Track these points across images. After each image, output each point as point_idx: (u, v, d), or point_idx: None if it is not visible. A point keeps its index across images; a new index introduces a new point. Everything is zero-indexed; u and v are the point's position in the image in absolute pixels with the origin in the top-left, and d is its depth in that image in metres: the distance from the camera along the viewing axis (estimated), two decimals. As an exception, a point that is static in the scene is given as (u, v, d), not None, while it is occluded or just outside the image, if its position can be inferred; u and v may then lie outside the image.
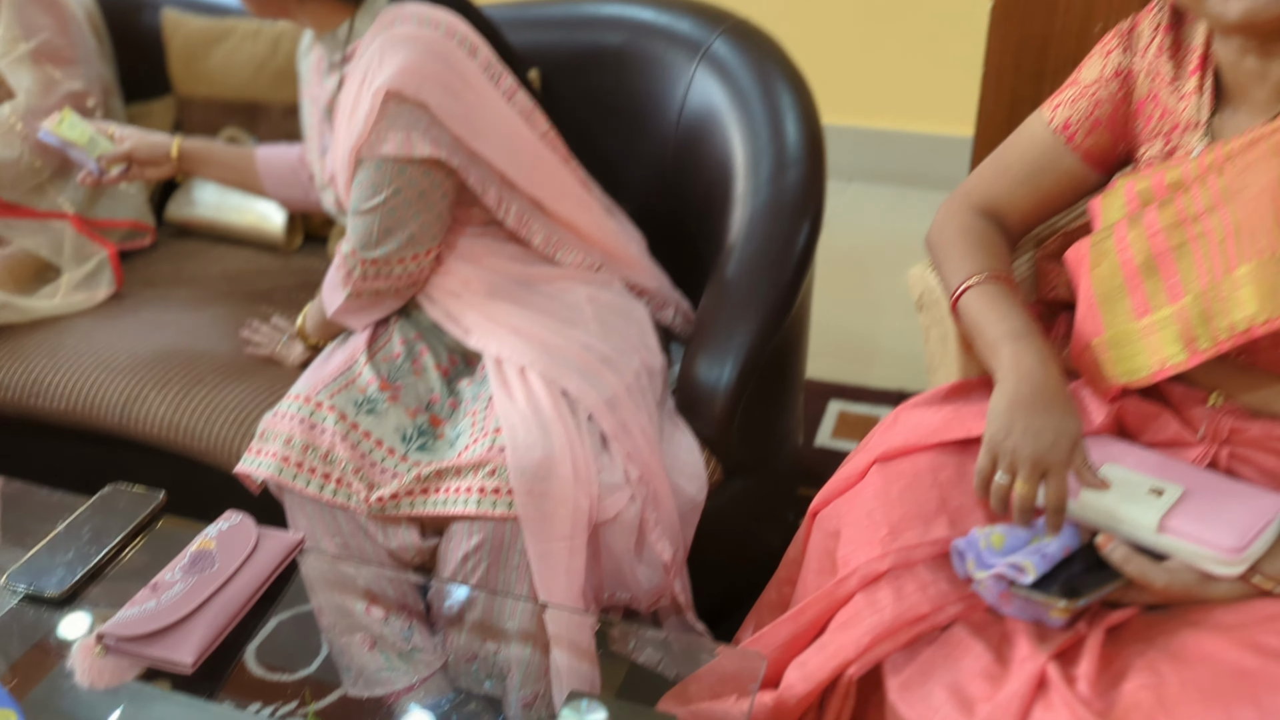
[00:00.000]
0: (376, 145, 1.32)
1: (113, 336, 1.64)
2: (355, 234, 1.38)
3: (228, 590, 1.07)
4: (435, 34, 1.32)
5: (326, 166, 1.49)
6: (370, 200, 1.35)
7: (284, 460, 1.30)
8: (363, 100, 1.31)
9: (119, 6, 2.00)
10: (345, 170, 1.37)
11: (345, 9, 1.39)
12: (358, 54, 1.37)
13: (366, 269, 1.38)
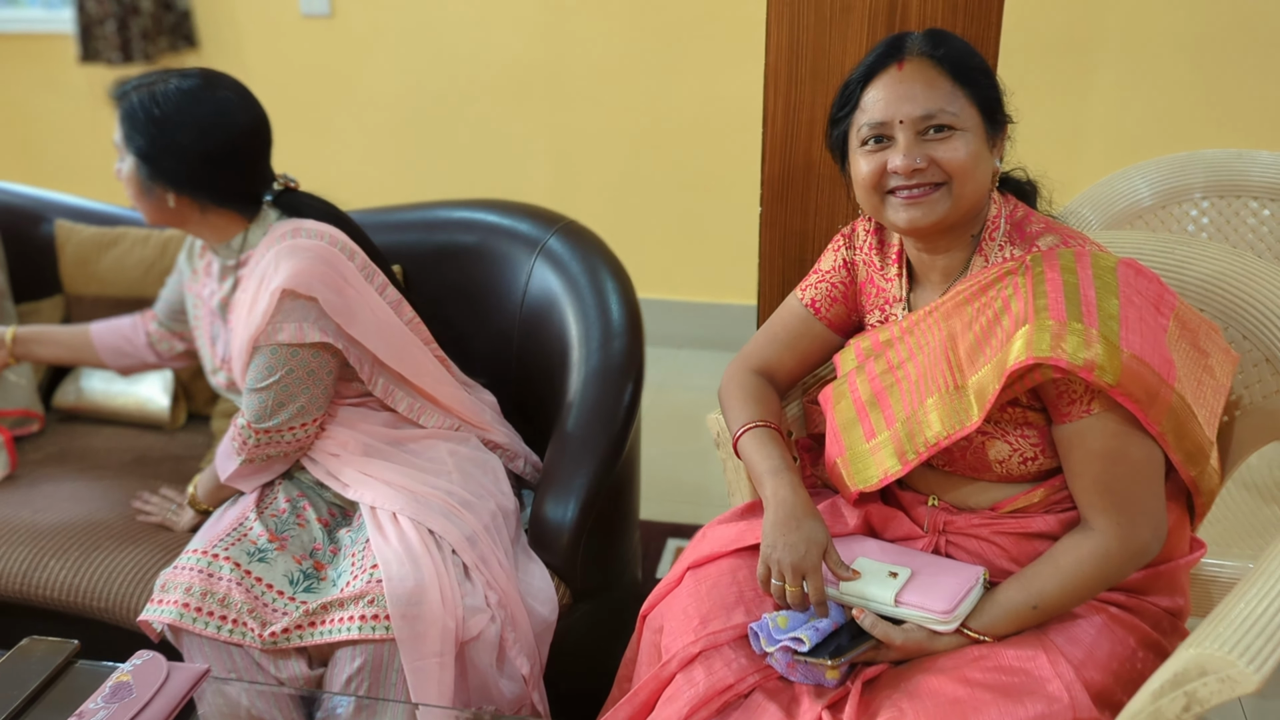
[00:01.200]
0: (273, 334, 1.56)
1: (10, 511, 1.79)
2: (251, 409, 1.60)
3: (145, 714, 1.24)
4: (321, 243, 1.60)
5: (217, 352, 1.73)
6: (266, 380, 1.58)
7: (184, 606, 1.48)
8: (261, 298, 1.56)
9: (11, 215, 2.22)
10: (242, 356, 1.61)
11: (240, 222, 1.66)
12: (251, 261, 1.64)
13: (260, 437, 1.60)
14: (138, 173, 1.62)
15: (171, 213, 1.65)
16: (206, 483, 1.72)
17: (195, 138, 1.58)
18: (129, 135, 1.60)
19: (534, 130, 3.38)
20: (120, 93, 1.63)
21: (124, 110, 1.61)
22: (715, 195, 3.29)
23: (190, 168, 1.60)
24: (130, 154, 1.61)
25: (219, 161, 1.61)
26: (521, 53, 3.28)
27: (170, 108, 1.57)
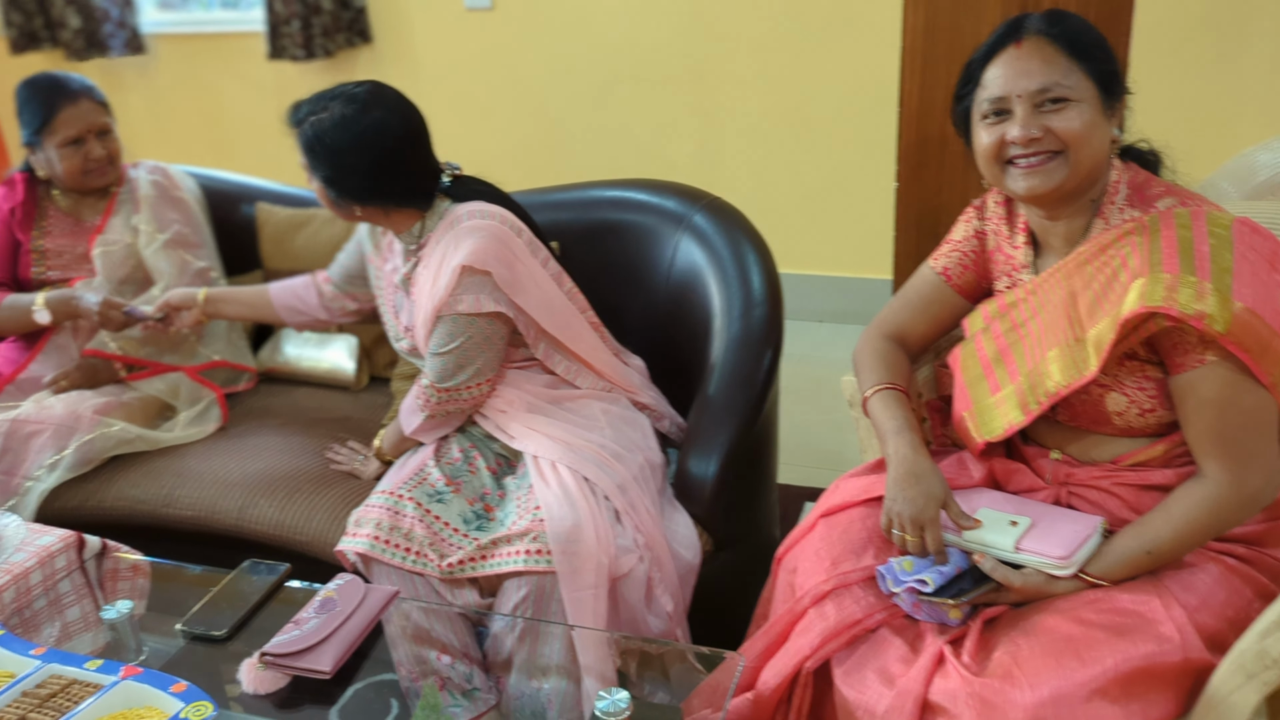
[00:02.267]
0: (454, 305, 1.75)
1: (225, 459, 2.05)
2: (434, 370, 1.80)
3: (349, 623, 1.45)
4: (494, 223, 1.79)
5: (401, 321, 1.93)
6: (448, 345, 1.78)
7: (374, 538, 1.69)
8: (442, 274, 1.76)
9: (219, 199, 2.50)
10: (426, 325, 1.80)
11: (417, 215, 1.86)
12: (430, 243, 1.82)
13: (442, 396, 1.81)
14: (326, 192, 1.84)
15: (359, 218, 1.88)
16: (391, 436, 1.94)
17: (362, 158, 1.77)
18: (311, 164, 1.82)
19: (679, 112, 3.52)
20: (296, 121, 1.83)
21: (302, 142, 1.81)
22: (853, 172, 3.37)
23: (365, 184, 1.79)
24: (316, 178, 1.83)
25: (388, 172, 1.79)
26: (667, 38, 3.42)
27: (337, 136, 1.76)
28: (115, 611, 1.51)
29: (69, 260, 2.26)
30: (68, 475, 1.99)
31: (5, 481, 1.97)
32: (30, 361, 2.20)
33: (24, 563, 1.57)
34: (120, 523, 1.98)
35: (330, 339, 2.37)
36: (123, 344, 2.21)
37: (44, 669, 1.36)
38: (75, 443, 2.00)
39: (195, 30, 4.07)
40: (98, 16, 4.03)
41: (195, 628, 1.51)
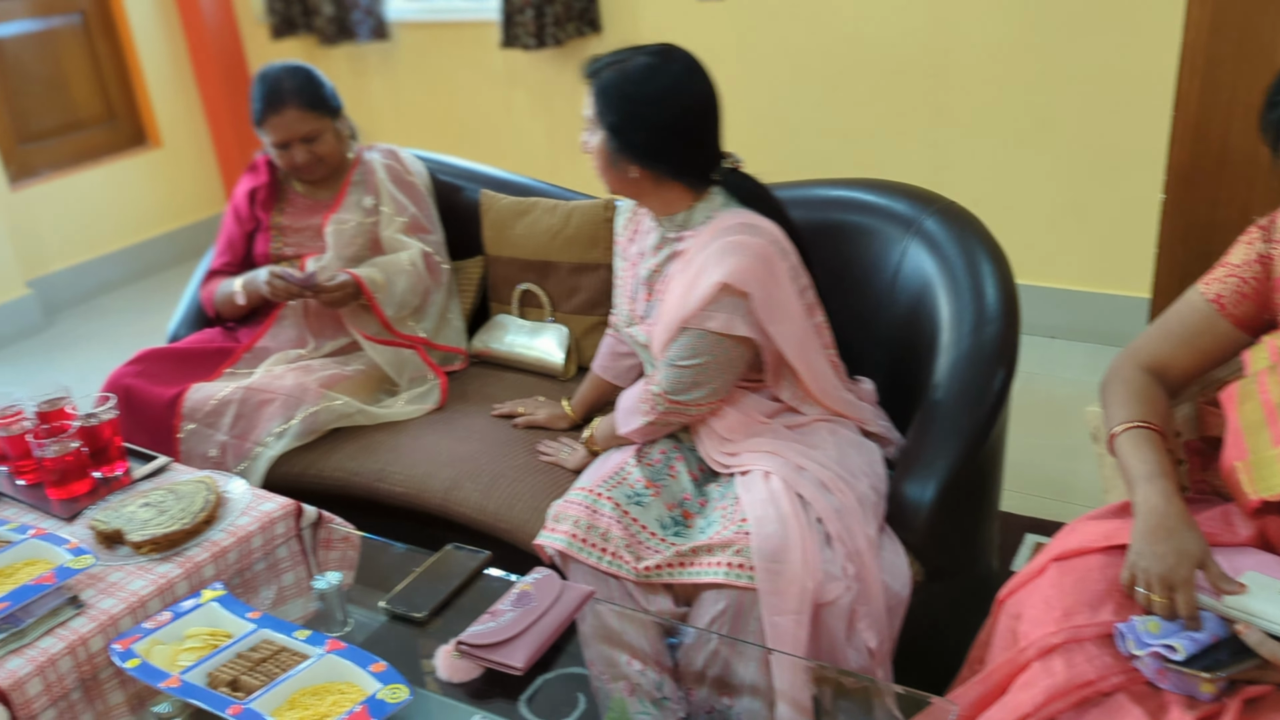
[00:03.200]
0: (704, 320, 1.67)
1: (436, 438, 2.10)
2: (667, 380, 1.73)
3: (544, 620, 1.43)
4: (763, 242, 1.69)
5: (635, 308, 1.88)
6: (688, 359, 1.71)
7: (572, 536, 1.67)
8: (699, 285, 1.67)
9: (446, 184, 2.56)
10: (668, 331, 1.73)
11: (688, 198, 1.76)
12: (691, 240, 1.74)
13: (671, 407, 1.75)
14: (606, 145, 1.72)
15: (631, 184, 1.76)
16: (604, 430, 1.91)
17: (658, 111, 1.68)
18: (601, 111, 1.71)
19: (909, 109, 3.34)
20: (593, 70, 1.74)
21: (597, 87, 1.71)
22: (1107, 180, 3.09)
23: (653, 140, 1.70)
24: (601, 128, 1.72)
25: (678, 134, 1.70)
26: (905, 31, 3.26)
27: (638, 85, 1.68)
28: (325, 582, 1.55)
29: (305, 237, 2.37)
30: (293, 444, 2.08)
31: (238, 445, 2.08)
32: (263, 333, 2.32)
33: (247, 526, 1.64)
34: (335, 493, 2.06)
35: (542, 328, 2.38)
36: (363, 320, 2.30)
37: (258, 633, 1.41)
38: (301, 413, 2.09)
39: (435, 18, 4.22)
40: (348, 4, 4.24)
41: (397, 607, 1.53)
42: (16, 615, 1.42)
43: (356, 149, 2.45)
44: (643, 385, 1.81)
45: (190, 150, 4.75)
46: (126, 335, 4.00)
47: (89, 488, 1.75)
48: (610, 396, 2.05)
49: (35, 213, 4.19)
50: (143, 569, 1.55)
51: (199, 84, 4.72)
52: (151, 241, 4.63)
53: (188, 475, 1.78)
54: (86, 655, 1.42)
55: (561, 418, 2.12)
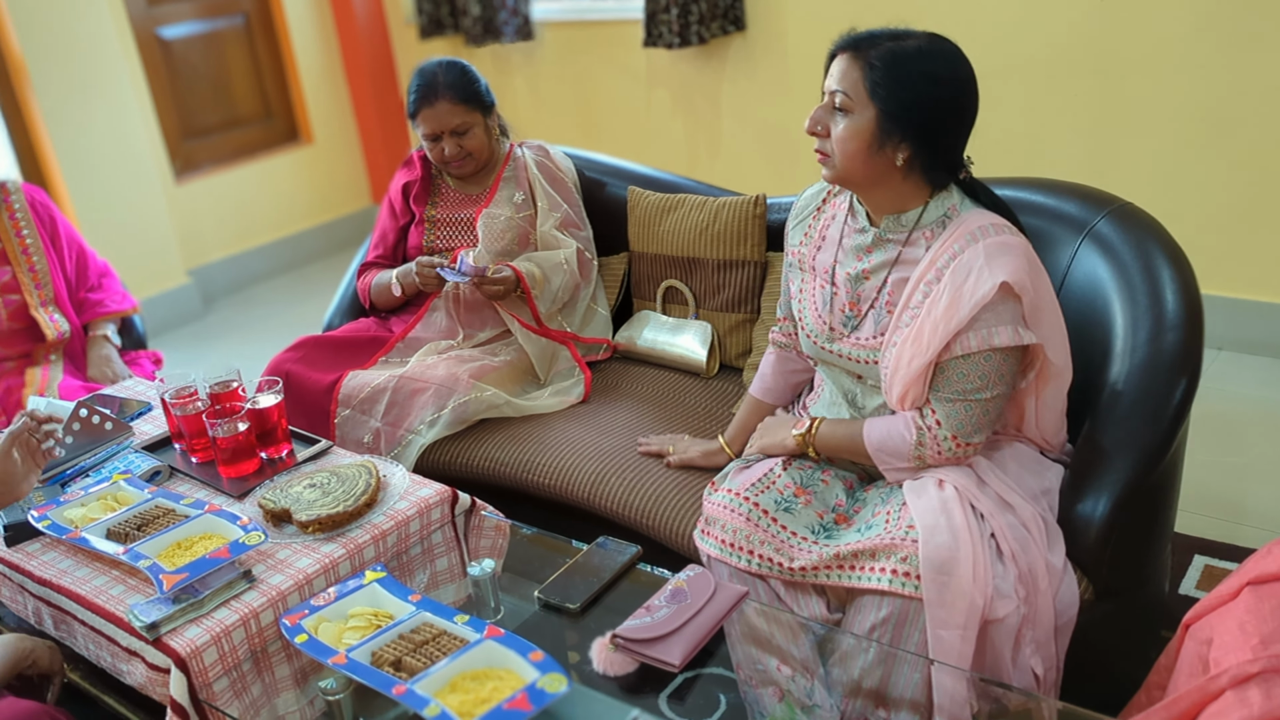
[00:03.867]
0: (989, 338, 1.52)
1: (581, 431, 2.10)
2: (955, 418, 1.57)
3: (699, 618, 1.42)
4: (1022, 240, 1.57)
5: (834, 321, 1.73)
6: (983, 391, 1.55)
7: (723, 541, 1.65)
8: (971, 289, 1.51)
9: (590, 183, 2.58)
10: (928, 346, 1.55)
11: (923, 196, 1.62)
12: (929, 243, 1.61)
13: (959, 451, 1.59)
14: (878, 123, 1.56)
15: (881, 172, 1.60)
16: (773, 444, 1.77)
17: (944, 90, 1.56)
18: (879, 84, 1.55)
19: (1074, 106, 3.20)
20: (855, 43, 1.60)
21: (874, 60, 1.56)
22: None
23: (934, 120, 1.56)
24: (873, 104, 1.56)
25: (949, 118, 1.58)
26: (1071, 25, 3.12)
27: (923, 61, 1.56)
28: (480, 569, 1.57)
29: (456, 230, 2.42)
30: (444, 432, 2.12)
31: (391, 432, 2.13)
32: (416, 324, 2.37)
33: (405, 511, 1.67)
34: (483, 482, 2.09)
35: (685, 325, 2.37)
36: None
37: (418, 615, 1.43)
38: (453, 403, 2.13)
39: (579, 18, 4.26)
40: (495, 5, 4.32)
41: (551, 597, 1.54)
42: (195, 586, 1.48)
43: (508, 145, 2.48)
44: (908, 425, 1.61)
45: (339, 146, 4.92)
46: (277, 324, 4.17)
47: (256, 467, 1.82)
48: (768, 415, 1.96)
49: (196, 205, 4.40)
50: (308, 547, 1.59)
51: (349, 83, 4.88)
52: (301, 234, 4.80)
53: (348, 459, 1.83)
54: (257, 628, 1.47)
55: (718, 453, 1.95)
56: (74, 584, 1.56)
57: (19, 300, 2.42)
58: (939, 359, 1.58)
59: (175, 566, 1.50)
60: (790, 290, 1.86)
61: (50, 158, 3.85)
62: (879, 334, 1.68)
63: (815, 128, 1.63)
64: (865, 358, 1.70)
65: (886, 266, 1.68)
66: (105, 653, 1.53)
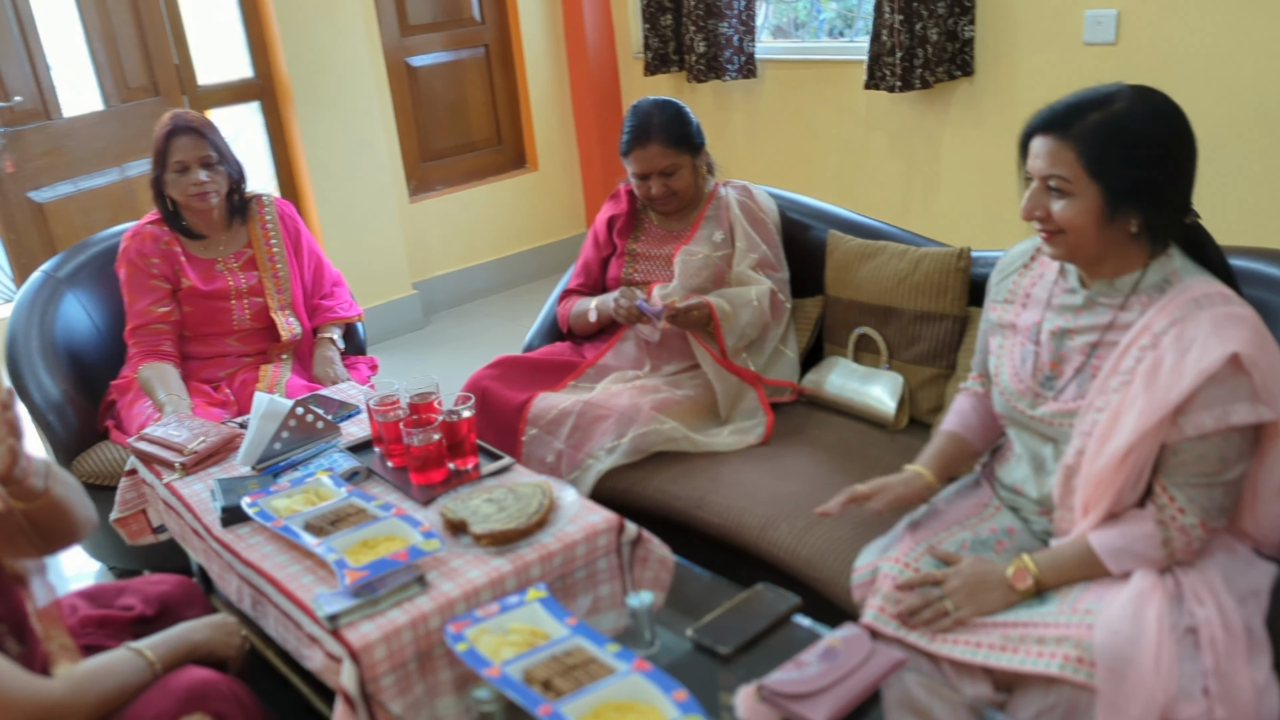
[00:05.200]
0: (1225, 416, 1.43)
1: (756, 474, 2.10)
2: (1199, 503, 1.47)
3: (850, 680, 1.38)
4: (1252, 312, 1.48)
5: (1035, 383, 1.66)
6: (1224, 473, 1.47)
7: (880, 610, 1.60)
8: (1195, 361, 1.44)
9: (792, 224, 2.57)
10: (1146, 418, 1.46)
11: (1142, 259, 1.55)
12: (1146, 310, 1.53)
13: (1204, 536, 1.49)
14: (1103, 202, 1.50)
15: (1115, 242, 1.54)
16: (1058, 569, 1.56)
17: (1157, 152, 1.50)
18: (1099, 160, 1.49)
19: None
20: (1058, 121, 1.52)
21: (1084, 136, 1.49)
22: None
23: (1156, 184, 1.50)
24: (1095, 182, 1.49)
25: (1176, 173, 1.52)
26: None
27: (1142, 127, 1.49)
28: (639, 601, 1.59)
29: (654, 264, 2.48)
30: (621, 461, 2.17)
31: (572, 455, 2.20)
32: (606, 351, 2.45)
33: (573, 535, 1.72)
34: (654, 513, 2.12)
35: (876, 375, 2.32)
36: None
37: (572, 639, 1.47)
38: (632, 433, 2.18)
39: (802, 57, 4.27)
40: (721, 43, 4.40)
41: (704, 638, 1.54)
42: (374, 584, 1.58)
43: (713, 184, 2.52)
44: (1149, 521, 1.51)
45: (561, 175, 5.13)
46: (488, 338, 4.38)
47: (444, 477, 1.92)
48: (967, 453, 1.85)
49: (426, 223, 4.70)
50: (479, 559, 1.67)
51: (575, 114, 5.09)
52: (519, 255, 5.03)
53: (527, 478, 1.91)
54: (425, 631, 1.55)
55: (926, 488, 1.76)
56: (272, 568, 1.70)
57: (261, 303, 2.66)
58: (1169, 440, 1.48)
59: (359, 563, 1.61)
60: (990, 346, 1.80)
61: (303, 172, 4.22)
62: (1080, 398, 1.60)
63: (1034, 213, 1.57)
64: (1062, 420, 1.62)
65: (1097, 330, 1.60)
66: (291, 636, 1.65)
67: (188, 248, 2.61)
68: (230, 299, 2.62)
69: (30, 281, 2.76)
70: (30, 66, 3.47)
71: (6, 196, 3.46)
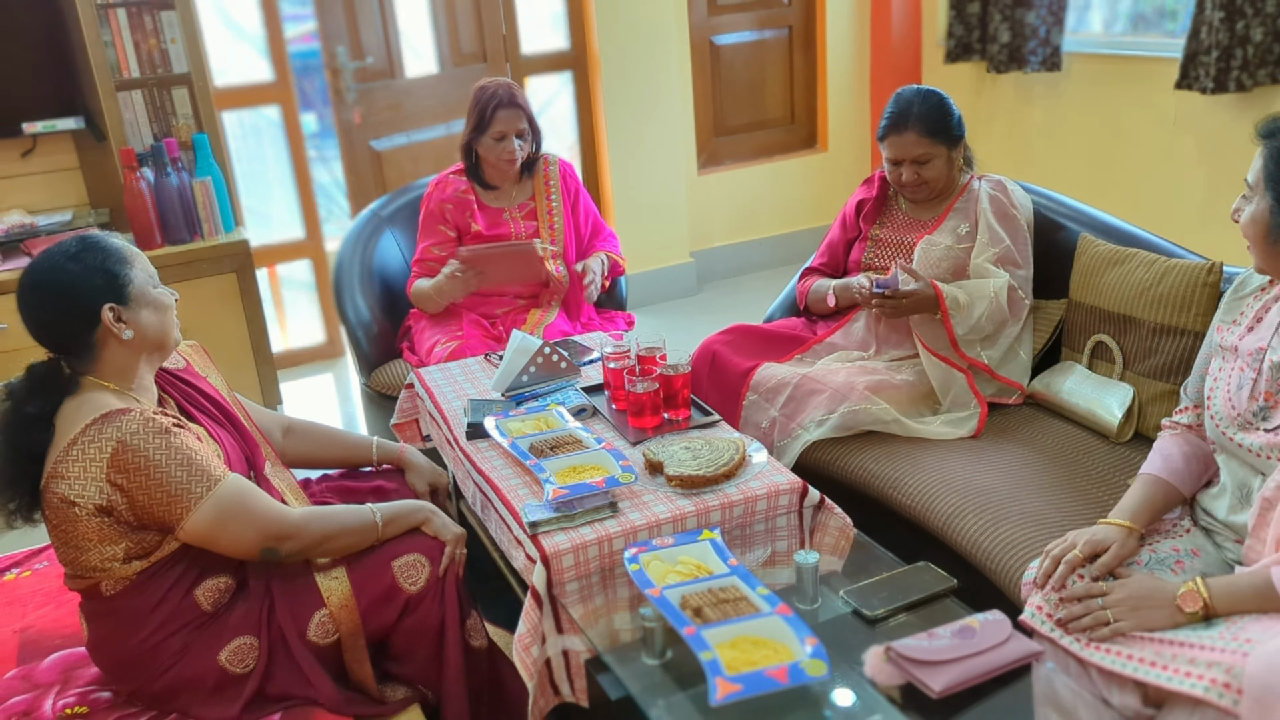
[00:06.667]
0: None
1: (958, 464, 2.13)
2: None
3: (978, 659, 1.45)
4: None
5: (1249, 410, 1.64)
6: None
7: (1039, 609, 1.62)
8: None
9: (1047, 223, 2.53)
10: None
11: None
12: None
13: None
14: (1270, 216, 1.56)
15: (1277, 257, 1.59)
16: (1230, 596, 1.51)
17: None
18: (1274, 175, 1.55)
19: None
20: (1270, 129, 1.59)
21: (1275, 148, 1.56)
22: None
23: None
24: (1268, 194, 1.55)
25: None
26: None
27: None
28: (805, 558, 1.71)
29: (896, 251, 2.53)
30: (829, 434, 2.27)
31: (784, 423, 2.33)
32: (836, 330, 2.54)
33: (756, 490, 1.87)
34: (852, 489, 2.21)
35: (1108, 385, 2.26)
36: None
37: (730, 578, 1.63)
38: (843, 409, 2.27)
39: (1110, 52, 4.06)
40: (1026, 33, 4.26)
41: (854, 600, 1.65)
42: (572, 503, 1.81)
43: (968, 176, 2.53)
44: None
45: (850, 157, 5.17)
46: (756, 313, 4.52)
47: (657, 423, 2.12)
48: (1174, 502, 1.77)
49: (711, 195, 4.92)
50: (668, 498, 1.85)
51: (872, 97, 5.10)
52: (797, 234, 5.15)
53: (727, 434, 2.07)
54: (609, 550, 1.76)
55: (1131, 534, 1.67)
56: (498, 478, 1.97)
57: (537, 251, 2.98)
58: None
59: (563, 484, 1.85)
60: (1210, 369, 1.74)
61: (603, 139, 4.56)
62: None
63: (1235, 216, 1.57)
64: (1271, 454, 1.58)
65: None
66: (505, 537, 1.92)
67: (481, 197, 2.96)
68: (511, 244, 2.95)
69: (359, 218, 3.25)
70: (383, 31, 4.01)
71: (353, 143, 4.03)
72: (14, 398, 1.68)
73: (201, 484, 1.64)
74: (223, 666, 1.70)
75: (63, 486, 1.60)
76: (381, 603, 1.78)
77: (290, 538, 1.72)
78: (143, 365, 1.75)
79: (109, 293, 1.67)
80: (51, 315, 1.67)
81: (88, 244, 1.69)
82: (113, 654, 1.72)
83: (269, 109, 4.06)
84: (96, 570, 1.67)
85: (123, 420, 1.61)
